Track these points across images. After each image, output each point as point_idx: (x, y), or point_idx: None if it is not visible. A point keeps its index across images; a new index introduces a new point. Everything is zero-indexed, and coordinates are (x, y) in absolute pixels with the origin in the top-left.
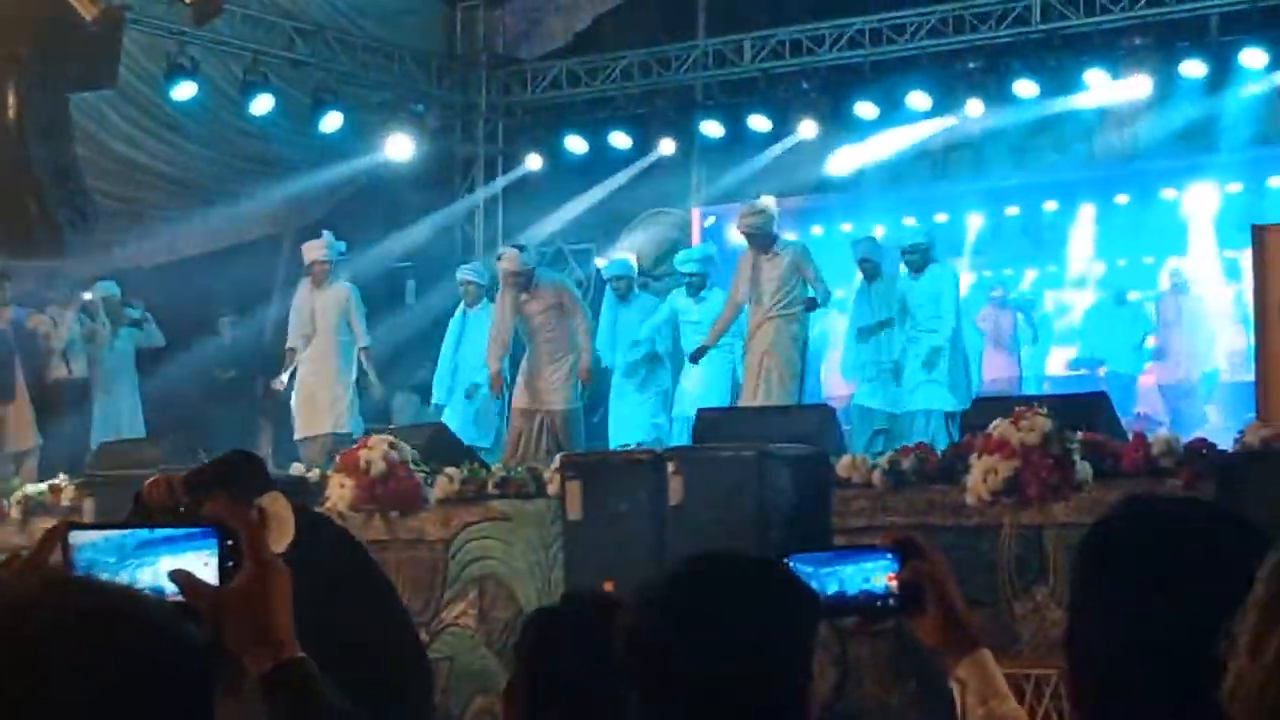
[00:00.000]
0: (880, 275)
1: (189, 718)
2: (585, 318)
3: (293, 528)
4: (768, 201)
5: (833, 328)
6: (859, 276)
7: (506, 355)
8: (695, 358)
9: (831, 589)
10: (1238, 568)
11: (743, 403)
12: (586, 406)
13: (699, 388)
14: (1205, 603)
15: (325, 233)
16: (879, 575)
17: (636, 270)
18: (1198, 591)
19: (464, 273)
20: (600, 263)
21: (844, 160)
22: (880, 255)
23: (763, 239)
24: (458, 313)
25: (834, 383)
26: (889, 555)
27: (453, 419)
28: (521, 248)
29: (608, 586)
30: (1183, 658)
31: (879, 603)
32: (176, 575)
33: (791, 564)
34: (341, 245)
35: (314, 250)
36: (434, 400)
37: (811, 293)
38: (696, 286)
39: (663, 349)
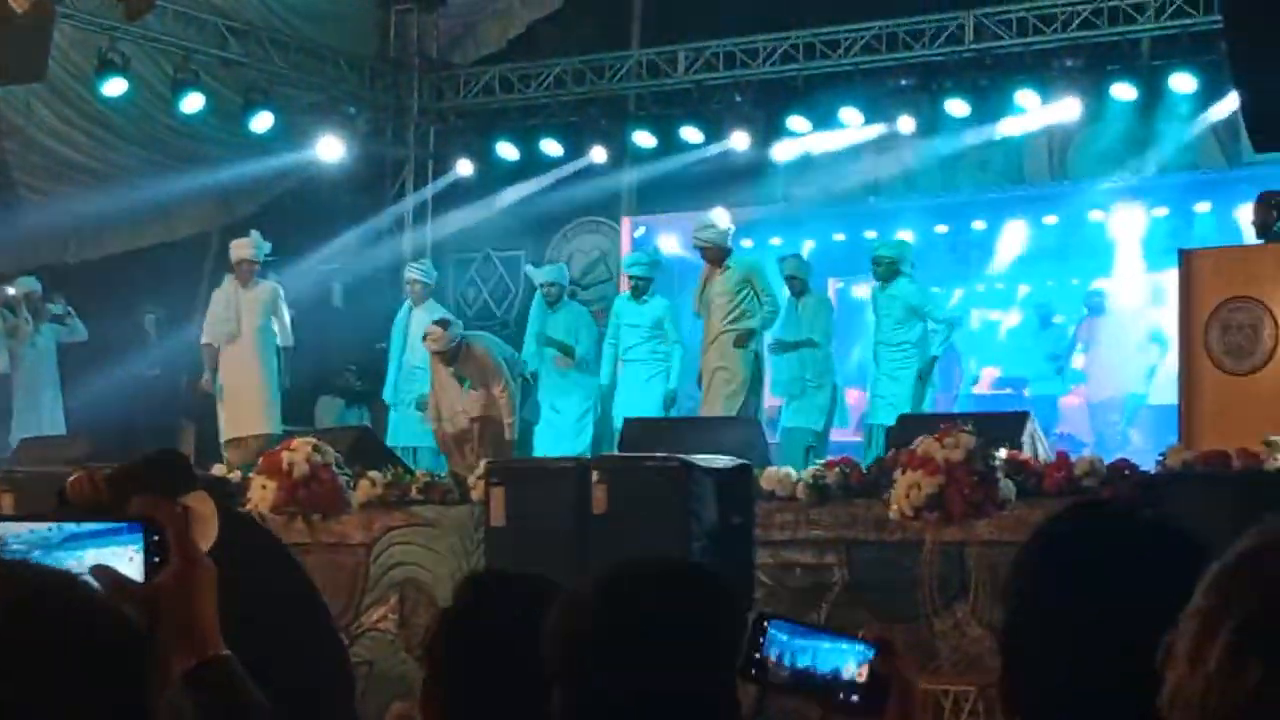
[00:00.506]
0: (808, 292)
1: (129, 697)
2: (506, 385)
3: (216, 527)
4: (719, 216)
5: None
6: (786, 293)
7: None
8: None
9: (802, 662)
10: (1181, 575)
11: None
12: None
13: (632, 395)
14: (1148, 610)
15: (253, 232)
16: (851, 664)
17: (568, 279)
18: (1141, 598)
19: (412, 271)
20: (530, 269)
21: (787, 149)
22: (807, 272)
23: (715, 254)
24: (403, 310)
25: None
26: (870, 648)
27: (399, 420)
28: (446, 323)
29: None
30: (1126, 665)
31: (842, 693)
32: (98, 571)
33: (769, 626)
34: (268, 246)
35: (241, 249)
36: (384, 396)
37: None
38: (640, 290)
39: (607, 353)
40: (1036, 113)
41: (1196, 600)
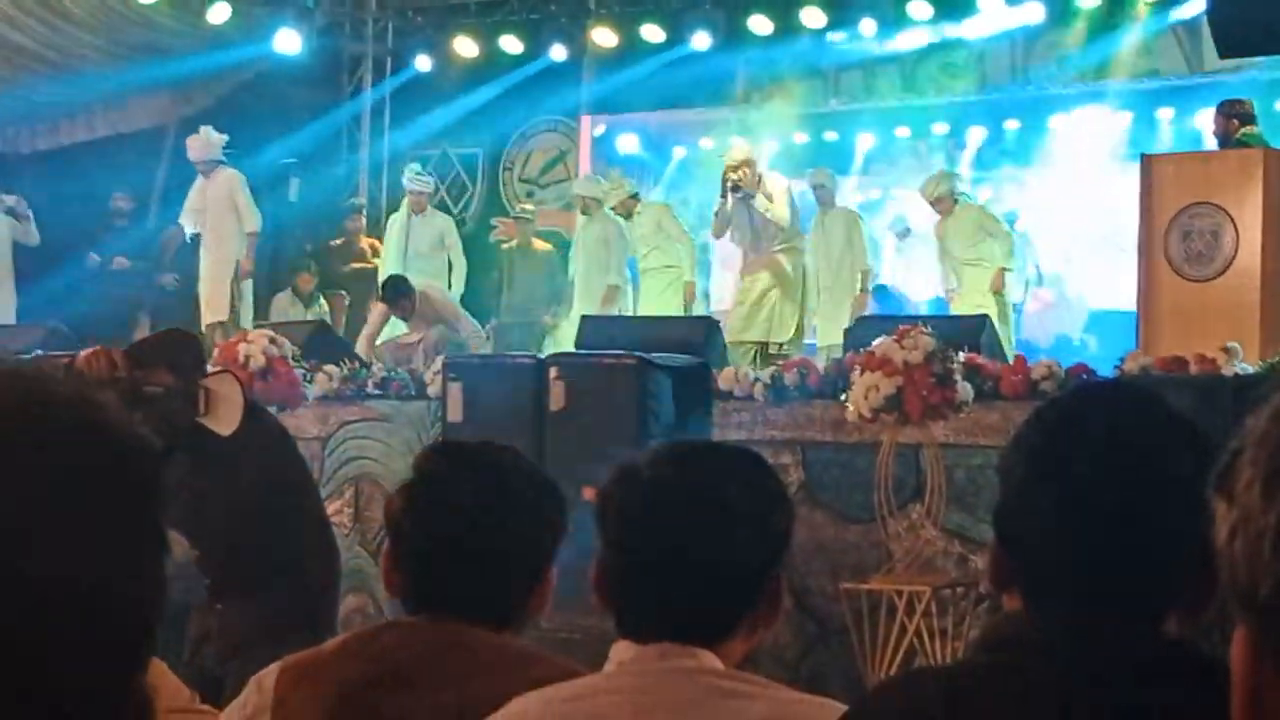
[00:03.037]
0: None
1: (145, 507)
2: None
3: (241, 410)
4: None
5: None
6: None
7: None
8: None
9: None
10: (1180, 441)
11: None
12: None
13: (653, 305)
14: (1146, 474)
15: (203, 128)
16: None
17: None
18: (1139, 462)
19: (415, 184)
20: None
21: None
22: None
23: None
24: (400, 216)
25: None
26: None
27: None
28: (397, 301)
29: (587, 494)
30: (1125, 529)
31: None
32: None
33: None
34: (222, 138)
35: (194, 149)
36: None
37: None
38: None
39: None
40: (999, 18)
41: (1262, 427)
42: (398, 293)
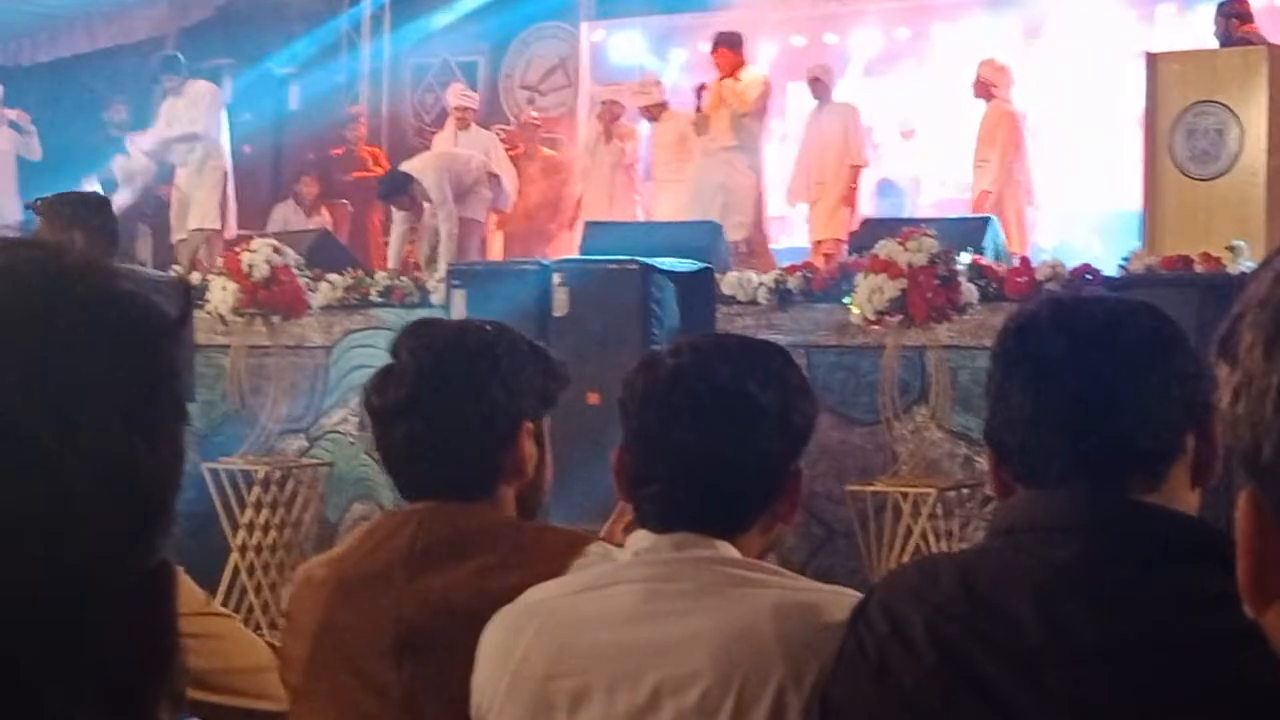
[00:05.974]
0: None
1: (165, 379)
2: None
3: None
4: None
5: None
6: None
7: None
8: None
9: None
10: (1156, 336)
11: None
12: None
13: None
14: (1130, 369)
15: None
16: None
17: None
18: (1121, 358)
19: (463, 99)
20: None
21: None
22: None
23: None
24: (448, 135)
25: None
26: None
27: None
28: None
29: (592, 398)
30: (1112, 426)
31: None
32: None
33: None
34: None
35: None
36: None
37: None
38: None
39: None
40: None
41: (1264, 291)
42: (393, 187)
